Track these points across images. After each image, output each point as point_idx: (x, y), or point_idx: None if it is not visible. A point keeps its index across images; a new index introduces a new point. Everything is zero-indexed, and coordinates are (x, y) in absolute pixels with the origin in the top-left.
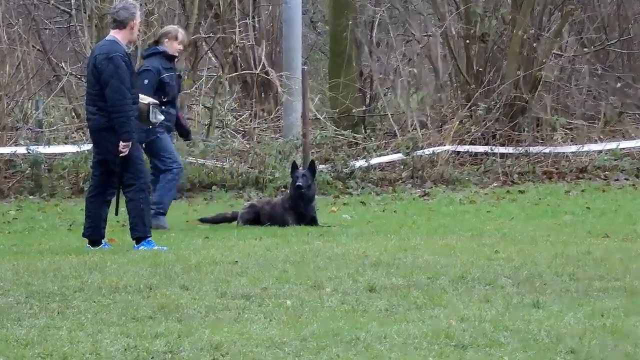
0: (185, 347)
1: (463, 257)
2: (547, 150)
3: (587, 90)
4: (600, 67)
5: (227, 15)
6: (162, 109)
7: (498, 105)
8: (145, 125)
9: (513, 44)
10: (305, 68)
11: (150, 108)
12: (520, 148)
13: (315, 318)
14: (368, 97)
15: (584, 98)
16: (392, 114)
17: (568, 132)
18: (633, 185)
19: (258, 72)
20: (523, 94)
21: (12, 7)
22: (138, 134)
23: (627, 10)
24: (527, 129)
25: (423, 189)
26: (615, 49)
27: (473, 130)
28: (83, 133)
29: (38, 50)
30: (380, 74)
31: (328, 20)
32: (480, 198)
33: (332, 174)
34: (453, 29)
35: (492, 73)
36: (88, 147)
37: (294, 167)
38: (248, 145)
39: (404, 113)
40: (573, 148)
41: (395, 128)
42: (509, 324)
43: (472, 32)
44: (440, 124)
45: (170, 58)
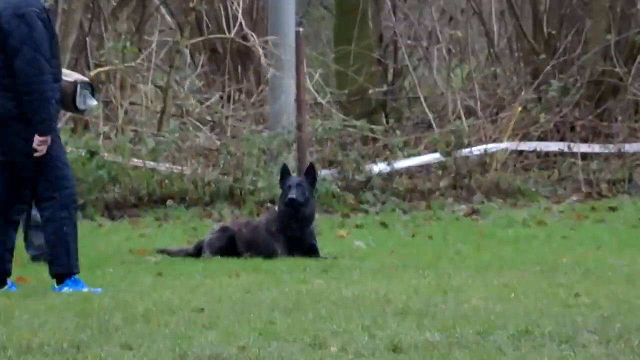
0: None
1: (528, 302)
2: None
3: None
4: None
5: None
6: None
7: (579, 84)
8: (71, 113)
9: None
10: (301, 30)
11: (78, 88)
12: (611, 146)
13: None
14: (391, 72)
15: None
16: (425, 97)
17: None
18: None
19: (232, 36)
20: (615, 68)
21: None
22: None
23: None
24: (620, 118)
25: (470, 205)
26: None
27: (542, 120)
28: None
29: None
30: (409, 39)
31: None
32: (553, 217)
33: (339, 183)
34: None
35: (570, 37)
36: None
37: (285, 172)
38: (218, 142)
39: (443, 95)
40: None
41: (431, 117)
42: None
43: None
44: (495, 111)
45: None
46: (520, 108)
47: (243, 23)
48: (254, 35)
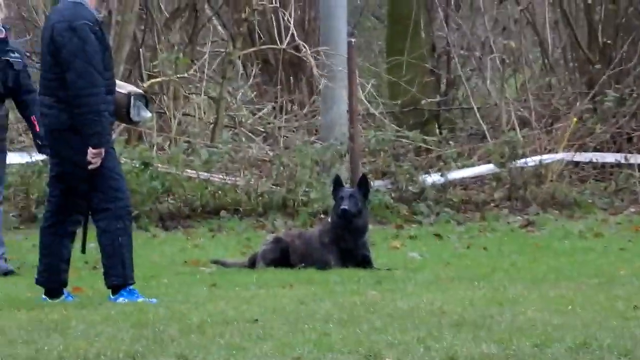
0: None
1: (585, 315)
2: None
3: None
4: None
5: None
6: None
7: (635, 95)
8: (125, 125)
9: None
10: (353, 41)
11: (132, 100)
12: None
13: None
14: (444, 82)
15: None
16: (479, 108)
17: None
18: None
19: (284, 47)
20: None
21: None
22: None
23: None
24: None
25: (526, 216)
26: None
27: (598, 131)
28: None
29: None
30: (462, 49)
31: None
32: (611, 229)
33: (393, 194)
34: None
35: (625, 47)
36: (42, 156)
37: (338, 184)
38: (271, 153)
39: (496, 106)
40: None
41: (485, 127)
42: None
43: None
44: (550, 122)
45: None
46: (576, 119)
47: (295, 34)
48: (306, 46)
